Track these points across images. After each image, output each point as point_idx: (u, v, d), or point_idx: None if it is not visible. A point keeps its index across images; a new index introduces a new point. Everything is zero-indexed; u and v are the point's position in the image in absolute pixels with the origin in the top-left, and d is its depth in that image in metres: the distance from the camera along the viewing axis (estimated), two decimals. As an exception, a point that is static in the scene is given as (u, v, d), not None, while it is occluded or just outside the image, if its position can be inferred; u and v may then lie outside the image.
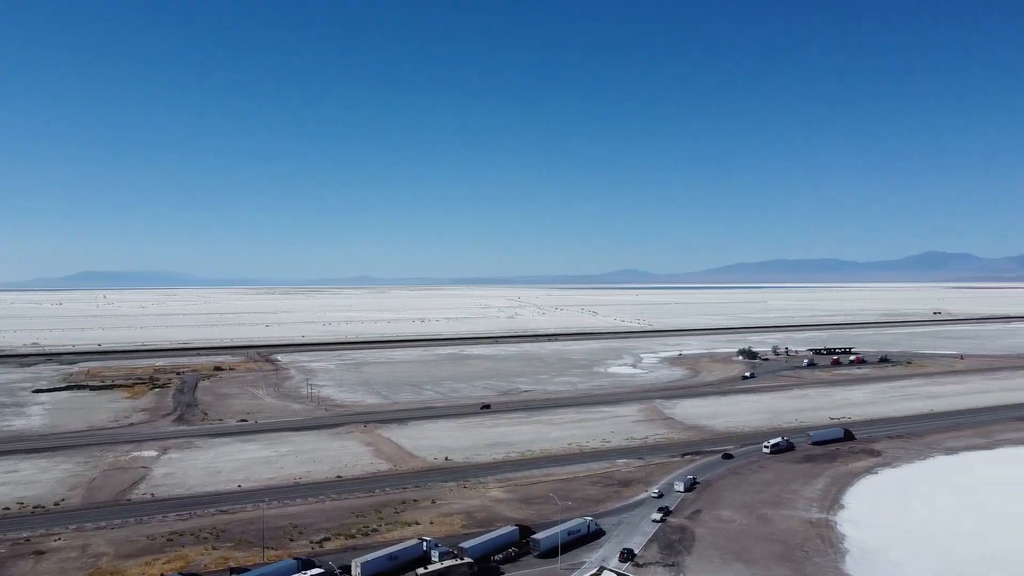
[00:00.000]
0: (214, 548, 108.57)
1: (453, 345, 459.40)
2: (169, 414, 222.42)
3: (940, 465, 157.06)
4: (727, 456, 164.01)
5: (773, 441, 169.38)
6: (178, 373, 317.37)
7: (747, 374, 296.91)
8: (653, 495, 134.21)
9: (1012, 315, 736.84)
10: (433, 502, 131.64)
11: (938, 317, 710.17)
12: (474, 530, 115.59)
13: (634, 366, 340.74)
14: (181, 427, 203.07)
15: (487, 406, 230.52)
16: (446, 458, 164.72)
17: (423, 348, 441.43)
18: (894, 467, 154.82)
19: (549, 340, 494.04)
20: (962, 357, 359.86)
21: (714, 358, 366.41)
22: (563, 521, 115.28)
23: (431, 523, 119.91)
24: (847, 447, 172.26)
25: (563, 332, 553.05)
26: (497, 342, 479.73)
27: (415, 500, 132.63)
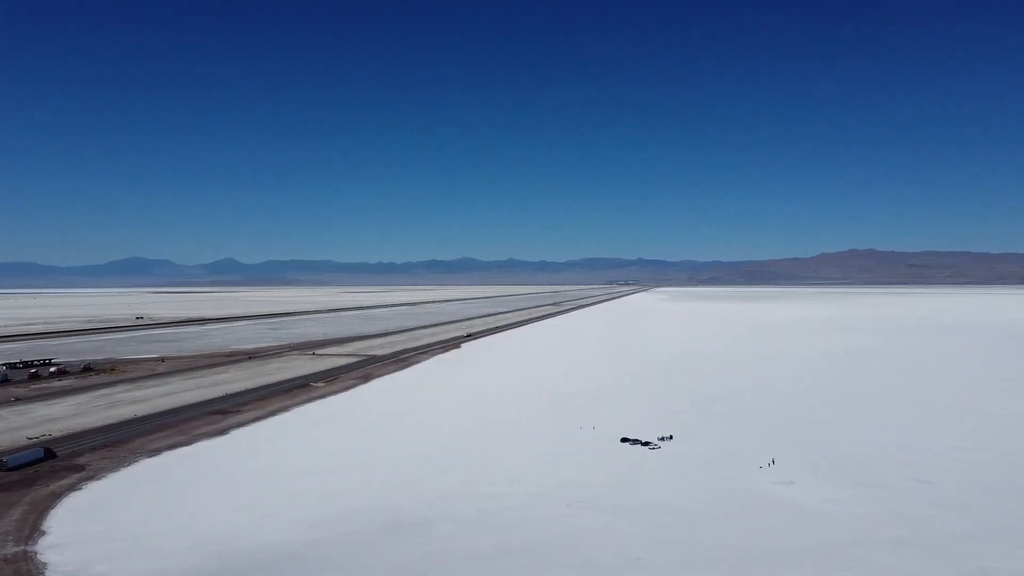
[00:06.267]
0: None
1: None
2: None
3: (145, 468, 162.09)
4: None
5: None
6: None
7: None
8: None
9: (207, 317, 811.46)
10: None
11: (141, 322, 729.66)
12: None
13: None
14: None
15: None
16: None
17: None
18: (99, 479, 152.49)
19: None
20: (164, 359, 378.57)
21: None
22: None
23: None
24: (48, 466, 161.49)
25: None
26: None
27: None
